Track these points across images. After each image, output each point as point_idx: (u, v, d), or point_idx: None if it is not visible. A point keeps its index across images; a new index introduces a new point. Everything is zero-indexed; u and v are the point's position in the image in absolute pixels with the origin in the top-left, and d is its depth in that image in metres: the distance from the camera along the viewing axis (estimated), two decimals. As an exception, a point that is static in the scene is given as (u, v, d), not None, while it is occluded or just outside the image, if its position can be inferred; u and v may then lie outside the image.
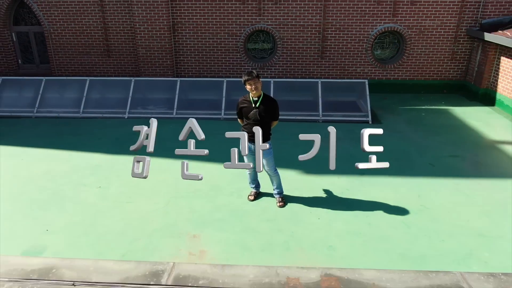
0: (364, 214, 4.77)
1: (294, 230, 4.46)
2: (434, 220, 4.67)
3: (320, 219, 4.68)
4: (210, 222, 4.63)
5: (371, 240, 4.24)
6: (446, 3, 9.27)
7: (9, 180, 5.72)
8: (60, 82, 8.87)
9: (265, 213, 4.81)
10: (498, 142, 7.07)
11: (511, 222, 4.58)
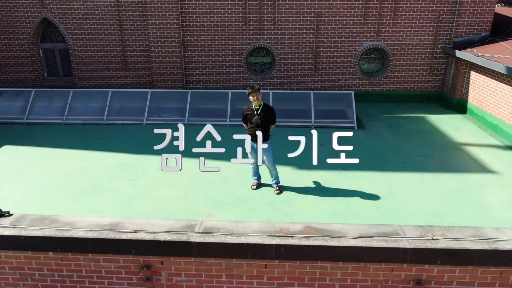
0: (344, 199, 6.01)
1: (288, 210, 5.70)
2: (399, 203, 5.91)
3: (309, 202, 5.92)
4: (221, 205, 5.87)
5: (348, 217, 5.47)
6: (423, 23, 10.63)
7: (54, 174, 6.96)
8: (85, 93, 10.17)
9: (265, 198, 6.06)
10: (462, 144, 8.35)
11: (460, 205, 5.82)
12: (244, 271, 3.80)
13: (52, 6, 11.02)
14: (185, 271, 3.85)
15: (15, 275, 4.02)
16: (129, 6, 10.91)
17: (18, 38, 11.46)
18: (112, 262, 3.87)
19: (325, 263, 3.70)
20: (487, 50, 9.44)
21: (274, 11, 10.71)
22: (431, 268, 3.68)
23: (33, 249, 3.86)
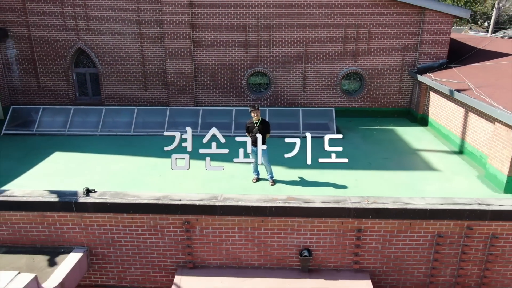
0: (321, 188, 8.22)
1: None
2: (362, 191, 8.12)
3: (295, 191, 8.15)
4: (231, 192, 8.07)
5: (322, 200, 7.69)
6: (392, 52, 13.04)
7: (101, 173, 9.19)
8: (115, 110, 12.47)
9: (262, 188, 8.27)
10: (418, 150, 10.64)
11: (405, 192, 8.04)
12: (249, 224, 6.00)
13: (86, 38, 13.40)
14: (211, 225, 6.05)
15: (100, 230, 6.20)
16: (150, 38, 13.29)
17: (56, 64, 13.80)
18: (165, 220, 6.07)
19: (300, 218, 5.91)
20: (441, 75, 11.82)
21: (269, 42, 13.11)
22: (366, 221, 5.90)
23: (114, 211, 6.06)
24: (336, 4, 12.64)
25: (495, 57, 12.36)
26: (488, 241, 5.89)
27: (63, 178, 8.78)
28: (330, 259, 6.09)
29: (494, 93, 9.10)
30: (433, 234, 5.90)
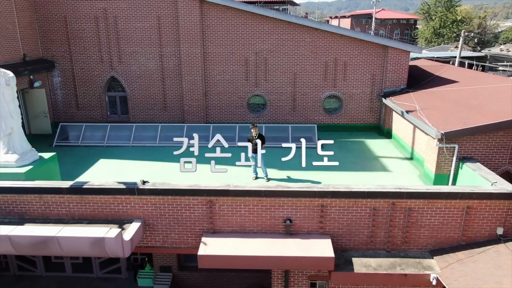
0: (301, 183, 11.48)
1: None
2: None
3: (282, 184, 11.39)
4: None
5: (302, 191, 10.93)
6: (364, 79, 16.44)
7: (133, 173, 12.42)
8: (143, 127, 15.77)
9: (259, 184, 11.52)
10: (380, 156, 13.94)
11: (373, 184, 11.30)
12: (250, 203, 9.22)
13: (118, 68, 16.80)
14: (226, 203, 9.27)
15: (152, 207, 9.40)
16: (169, 69, 16.70)
17: (93, 89, 17.16)
18: (195, 200, 9.29)
19: (284, 198, 9.14)
20: (399, 98, 15.19)
21: (265, 72, 16.53)
22: (327, 200, 9.13)
23: (161, 194, 9.28)
24: (318, 42, 16.10)
25: (444, 83, 15.79)
26: (406, 212, 9.12)
27: (112, 176, 12.03)
28: (304, 226, 9.30)
29: (431, 114, 12.45)
30: (371, 209, 9.14)
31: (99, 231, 8.34)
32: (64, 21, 16.45)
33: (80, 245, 8.21)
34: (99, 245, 8.15)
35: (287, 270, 9.56)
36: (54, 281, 13.30)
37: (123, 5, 16.12)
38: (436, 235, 9.32)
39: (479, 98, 13.12)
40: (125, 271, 13.21)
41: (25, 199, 9.54)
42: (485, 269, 8.47)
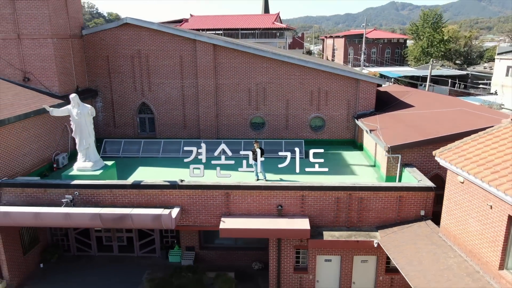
0: (292, 182, 16.06)
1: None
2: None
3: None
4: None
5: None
6: (341, 104, 21.13)
7: (165, 176, 16.96)
8: (169, 142, 20.39)
9: (260, 182, 16.09)
10: (351, 164, 18.54)
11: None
12: (254, 194, 13.75)
13: (148, 96, 21.51)
14: (238, 194, 13.81)
15: (187, 197, 13.92)
16: (188, 96, 21.40)
17: (127, 112, 21.81)
18: (217, 192, 13.85)
19: (277, 191, 13.68)
20: (367, 120, 19.82)
21: (264, 98, 21.24)
22: (305, 192, 13.68)
23: (194, 189, 13.82)
24: (305, 76, 20.85)
25: (403, 108, 20.48)
26: (359, 200, 13.67)
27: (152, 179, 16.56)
28: (290, 210, 13.84)
29: (386, 132, 17.07)
30: (335, 198, 13.70)
31: (157, 211, 12.92)
32: (107, 59, 21.21)
33: (145, 219, 12.77)
34: (157, 219, 12.71)
35: (280, 238, 14.09)
36: (105, 259, 17.78)
37: (153, 47, 20.90)
38: (379, 216, 13.89)
39: (423, 120, 17.78)
40: (159, 251, 17.70)
41: (99, 192, 14.11)
42: (408, 237, 13.03)
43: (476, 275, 10.59)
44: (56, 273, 16.70)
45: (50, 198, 14.16)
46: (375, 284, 14.79)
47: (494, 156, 10.73)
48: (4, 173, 14.84)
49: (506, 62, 49.73)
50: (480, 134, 12.12)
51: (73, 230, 17.70)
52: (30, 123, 16.33)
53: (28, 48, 18.42)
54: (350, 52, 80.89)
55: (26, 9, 17.91)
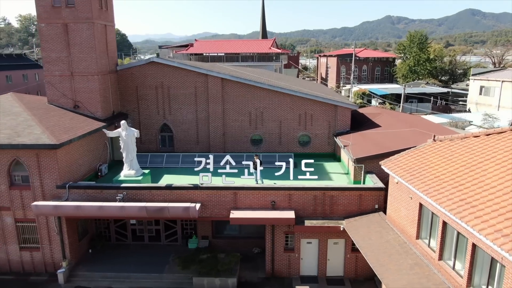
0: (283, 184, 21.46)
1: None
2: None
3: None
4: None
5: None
6: (323, 125, 26.65)
7: (186, 181, 22.34)
8: (186, 155, 25.80)
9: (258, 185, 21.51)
10: (330, 172, 24.00)
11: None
12: (255, 193, 19.12)
13: (168, 118, 27.01)
14: (243, 193, 19.15)
15: (206, 196, 19.26)
16: (201, 118, 26.90)
17: (151, 131, 27.27)
18: (227, 192, 19.20)
19: (271, 191, 19.06)
20: (343, 137, 25.29)
21: (262, 120, 26.77)
22: (292, 192, 19.05)
23: (211, 189, 19.16)
24: (295, 102, 26.43)
25: (373, 127, 26.02)
26: (330, 197, 19.04)
27: (176, 183, 21.94)
28: (281, 204, 19.20)
29: (354, 147, 22.54)
30: (313, 196, 19.08)
31: (186, 204, 18.29)
32: (136, 89, 26.76)
33: (178, 210, 18.12)
34: (186, 210, 18.07)
35: (273, 225, 19.43)
36: (138, 246, 23.05)
37: (173, 79, 26.48)
38: (345, 209, 19.28)
39: (384, 138, 23.27)
40: (180, 240, 22.99)
41: (141, 192, 19.47)
42: (365, 223, 18.40)
43: (403, 244, 15.96)
44: (101, 256, 21.95)
45: (105, 197, 19.51)
46: (344, 260, 20.11)
47: (415, 165, 16.21)
48: (69, 179, 20.19)
49: (479, 82, 55.74)
50: (412, 150, 17.63)
51: (113, 223, 23.02)
52: (84, 141, 21.74)
53: (79, 82, 23.93)
54: (343, 70, 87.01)
55: (78, 53, 23.48)
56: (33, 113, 21.45)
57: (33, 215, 19.88)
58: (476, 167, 14.18)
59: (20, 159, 19.45)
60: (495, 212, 11.49)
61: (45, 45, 23.54)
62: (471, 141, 16.14)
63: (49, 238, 20.40)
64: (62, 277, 19.83)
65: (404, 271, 14.33)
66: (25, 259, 20.88)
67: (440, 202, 13.19)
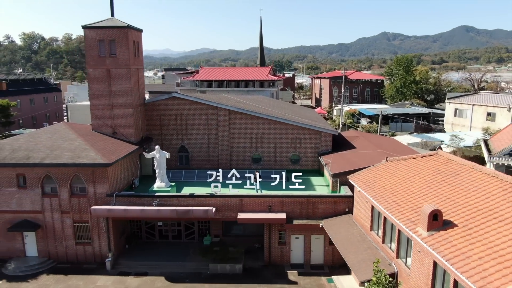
0: (277, 193, 28.09)
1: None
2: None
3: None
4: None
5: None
6: (310, 146, 33.41)
7: (202, 192, 28.93)
8: (201, 171, 32.41)
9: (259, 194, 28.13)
10: (315, 185, 30.65)
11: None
12: (256, 200, 25.68)
13: (185, 140, 33.75)
14: (247, 200, 25.74)
15: (219, 202, 25.82)
16: (212, 141, 33.69)
17: (171, 151, 33.88)
18: (235, 199, 25.78)
19: (268, 199, 25.65)
20: (326, 157, 31.98)
21: (261, 143, 33.54)
22: (284, 198, 25.63)
23: (222, 197, 25.74)
24: (287, 128, 33.26)
25: (349, 148, 32.80)
26: (312, 203, 25.61)
27: (196, 192, 28.57)
28: (275, 208, 25.74)
29: (333, 165, 29.23)
30: (299, 202, 25.68)
31: (205, 208, 24.84)
32: (159, 118, 33.55)
33: (199, 212, 24.67)
34: (206, 212, 24.65)
35: (270, 224, 25.96)
36: (163, 243, 29.52)
37: (190, 110, 33.28)
38: (324, 212, 25.88)
39: (356, 157, 29.96)
40: (197, 238, 29.49)
41: (170, 199, 26.06)
42: (338, 222, 24.99)
43: (362, 235, 22.52)
44: (136, 250, 28.38)
45: (143, 203, 26.03)
46: (324, 251, 26.59)
47: (371, 178, 22.89)
48: (114, 189, 26.73)
49: (454, 105, 62.94)
50: (371, 167, 24.33)
51: (144, 224, 29.51)
52: (124, 160, 28.36)
53: (117, 114, 30.68)
54: (335, 91, 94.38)
55: (117, 92, 30.29)
56: (85, 139, 28.13)
57: (87, 217, 26.39)
58: (408, 180, 20.91)
59: (79, 175, 26.05)
60: (411, 209, 18.15)
61: (92, 85, 30.38)
62: (409, 162, 22.91)
63: (99, 235, 26.86)
64: (109, 265, 26.23)
65: (360, 252, 20.89)
66: (79, 251, 27.29)
67: (381, 204, 19.86)
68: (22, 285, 24.74)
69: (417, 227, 16.55)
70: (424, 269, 16.18)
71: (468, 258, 13.67)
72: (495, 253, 13.43)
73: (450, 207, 16.98)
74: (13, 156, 26.22)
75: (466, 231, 15.08)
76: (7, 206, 26.73)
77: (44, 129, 30.69)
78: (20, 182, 26.51)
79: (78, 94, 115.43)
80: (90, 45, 29.68)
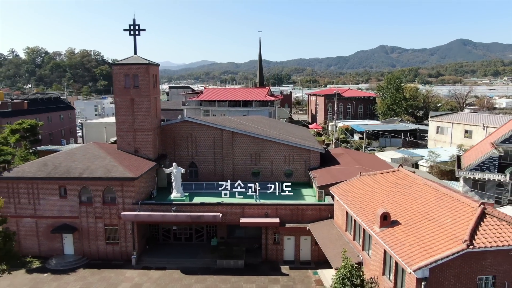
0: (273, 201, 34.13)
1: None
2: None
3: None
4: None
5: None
6: (301, 163, 39.52)
7: (210, 201, 34.98)
8: (209, 183, 38.46)
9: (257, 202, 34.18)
10: (305, 195, 36.72)
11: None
12: (255, 207, 31.73)
13: (195, 157, 39.90)
14: (248, 207, 31.77)
15: (225, 208, 31.81)
16: (218, 158, 39.77)
17: (182, 166, 39.91)
18: (238, 206, 31.78)
19: (265, 206, 31.66)
20: (314, 171, 38.06)
21: (259, 159, 39.70)
22: (277, 206, 31.64)
23: (228, 205, 31.76)
24: (281, 147, 39.49)
25: (334, 164, 38.94)
26: (301, 210, 31.59)
27: (206, 201, 34.56)
28: (271, 214, 31.72)
29: (320, 178, 35.30)
30: (290, 209, 31.67)
31: (213, 213, 30.86)
32: (173, 138, 39.74)
33: (209, 217, 30.68)
34: (214, 217, 30.66)
35: (266, 227, 31.95)
36: (177, 244, 35.50)
37: (199, 132, 39.49)
38: (310, 217, 31.92)
39: (339, 172, 36.04)
40: (206, 240, 35.43)
41: (185, 207, 32.09)
42: (322, 225, 31.04)
43: (340, 235, 28.51)
44: (154, 250, 34.30)
45: (162, 209, 32.02)
46: (311, 250, 32.53)
47: (346, 189, 28.98)
48: (138, 199, 32.74)
49: (436, 123, 69.29)
50: (348, 181, 30.43)
51: (161, 228, 35.47)
52: (145, 175, 34.43)
53: (139, 135, 36.85)
54: (329, 108, 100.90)
55: (139, 117, 36.52)
56: (114, 157, 34.26)
57: (116, 221, 32.36)
58: (373, 190, 27.02)
59: (111, 186, 32.10)
60: (372, 212, 24.21)
61: (118, 111, 36.65)
62: (377, 176, 29.05)
63: (125, 236, 32.79)
64: (134, 261, 32.13)
65: (336, 247, 26.89)
66: (108, 250, 33.17)
67: (352, 209, 25.94)
68: (64, 277, 30.59)
69: (374, 225, 22.59)
70: (378, 256, 22.19)
71: (403, 245, 19.72)
72: (421, 241, 19.47)
73: (399, 211, 23.06)
74: (56, 171, 32.32)
75: (405, 227, 21.13)
76: (50, 212, 32.73)
77: (78, 148, 36.90)
78: (61, 193, 32.56)
79: (85, 109, 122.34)
80: (117, 78, 36.02)
